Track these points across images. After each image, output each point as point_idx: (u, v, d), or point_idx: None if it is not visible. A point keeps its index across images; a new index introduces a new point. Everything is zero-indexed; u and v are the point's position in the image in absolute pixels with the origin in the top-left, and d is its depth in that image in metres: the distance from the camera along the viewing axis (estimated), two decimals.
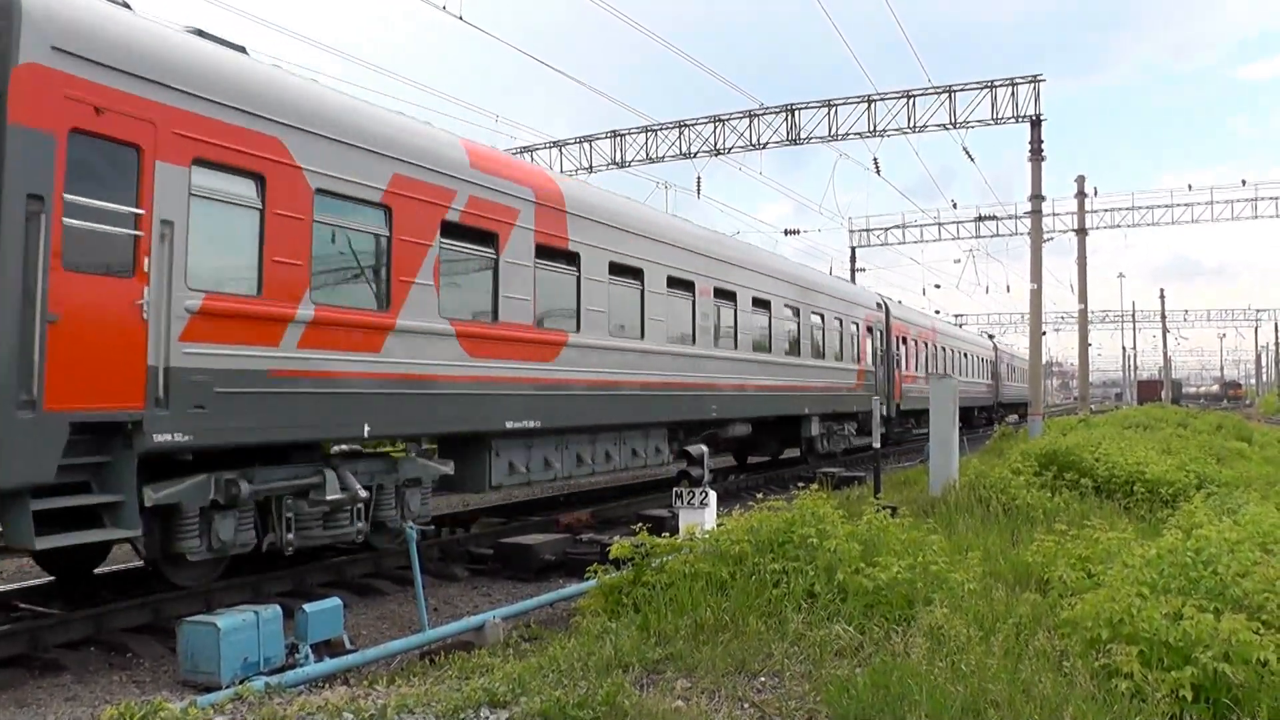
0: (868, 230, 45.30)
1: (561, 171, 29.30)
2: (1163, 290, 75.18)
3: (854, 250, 45.51)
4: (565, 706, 4.83)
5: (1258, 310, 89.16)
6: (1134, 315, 78.81)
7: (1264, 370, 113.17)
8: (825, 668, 5.45)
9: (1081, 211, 36.78)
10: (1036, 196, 25.34)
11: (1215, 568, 6.00)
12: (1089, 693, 4.83)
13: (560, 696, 4.95)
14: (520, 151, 29.81)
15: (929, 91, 25.95)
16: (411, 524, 8.07)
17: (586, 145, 30.10)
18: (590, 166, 29.80)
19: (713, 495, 9.86)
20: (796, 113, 27.35)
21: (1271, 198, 40.56)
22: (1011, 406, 51.99)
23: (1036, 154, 24.93)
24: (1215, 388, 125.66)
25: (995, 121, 25.15)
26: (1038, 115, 24.62)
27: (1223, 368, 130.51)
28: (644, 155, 29.32)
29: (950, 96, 25.66)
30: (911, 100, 26.07)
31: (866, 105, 26.51)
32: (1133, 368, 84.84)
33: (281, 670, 6.66)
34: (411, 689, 5.50)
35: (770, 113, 27.65)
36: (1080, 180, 36.60)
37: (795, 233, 40.12)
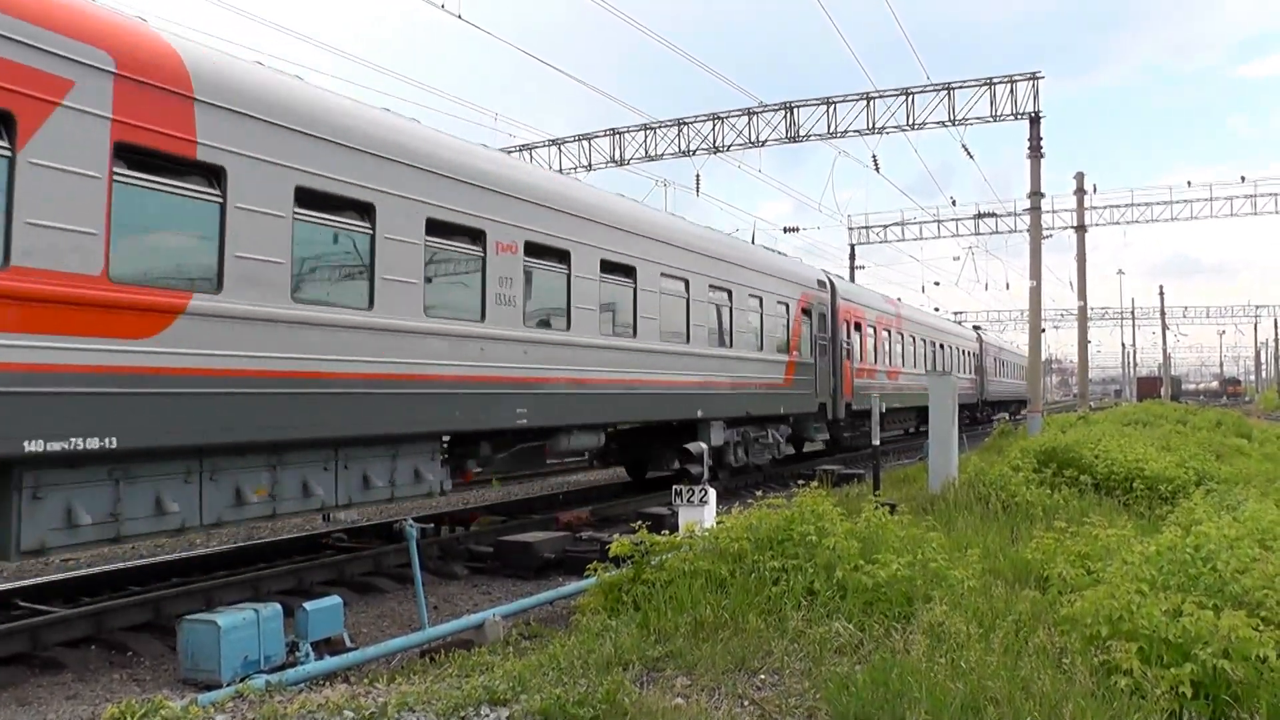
0: (867, 228, 45.33)
1: (561, 170, 29.14)
2: (1162, 287, 75.10)
3: (853, 248, 45.56)
4: (565, 704, 4.83)
5: (1257, 307, 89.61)
6: (1133, 312, 79.00)
7: (1263, 367, 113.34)
8: (825, 665, 5.46)
9: (1081, 208, 36.79)
10: (1036, 193, 25.41)
11: (1214, 564, 6.04)
12: (1088, 690, 4.83)
13: (560, 694, 4.96)
14: (519, 149, 29.69)
15: (928, 89, 26.01)
16: (411, 522, 8.06)
17: (585, 143, 30.09)
18: (589, 165, 29.80)
19: (712, 493, 9.89)
20: (795, 110, 27.38)
21: (1271, 194, 40.65)
22: (999, 405, 48.18)
23: (1035, 151, 25.00)
24: (1214, 384, 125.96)
25: (994, 119, 25.22)
26: (1036, 112, 24.71)
27: (1222, 364, 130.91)
28: (643, 153, 29.32)
29: (949, 94, 25.73)
30: (910, 98, 26.11)
31: (865, 103, 26.55)
32: (1132, 364, 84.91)
33: (282, 668, 6.69)
34: (412, 687, 5.51)
35: (769, 110, 27.69)
36: (1079, 177, 36.63)
37: (795, 230, 40.13)
